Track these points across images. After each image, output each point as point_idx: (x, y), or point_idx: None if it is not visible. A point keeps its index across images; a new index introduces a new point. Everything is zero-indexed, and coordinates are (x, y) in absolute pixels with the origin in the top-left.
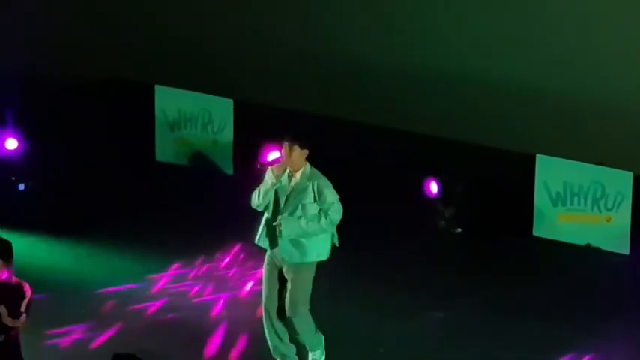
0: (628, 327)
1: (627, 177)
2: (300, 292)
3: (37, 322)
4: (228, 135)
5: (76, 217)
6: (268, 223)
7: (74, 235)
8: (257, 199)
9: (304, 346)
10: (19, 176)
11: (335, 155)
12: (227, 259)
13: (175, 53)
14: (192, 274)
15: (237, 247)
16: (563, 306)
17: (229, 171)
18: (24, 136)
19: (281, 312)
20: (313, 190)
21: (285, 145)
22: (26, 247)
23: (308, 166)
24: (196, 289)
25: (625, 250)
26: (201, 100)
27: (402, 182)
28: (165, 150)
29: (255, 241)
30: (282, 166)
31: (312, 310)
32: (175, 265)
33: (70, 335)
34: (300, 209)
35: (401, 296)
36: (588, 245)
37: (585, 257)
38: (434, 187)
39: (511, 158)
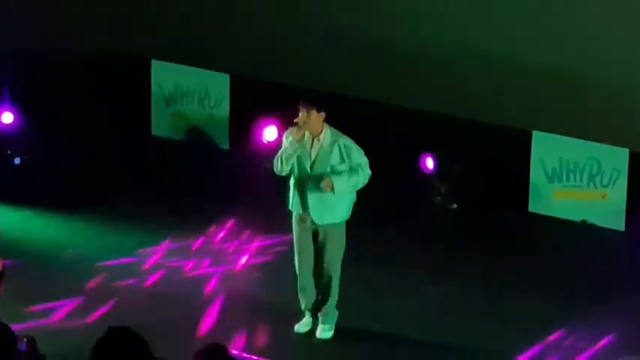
0: (623, 303)
1: (623, 153)
2: (336, 254)
3: (31, 296)
4: (224, 110)
5: (71, 191)
6: (298, 187)
7: (69, 209)
8: (280, 166)
9: (319, 317)
10: (15, 150)
11: None
12: (222, 233)
13: (172, 28)
14: (187, 249)
15: (232, 221)
16: (558, 282)
17: (225, 145)
18: (19, 110)
19: (313, 275)
20: (340, 150)
21: (302, 110)
22: (21, 221)
23: (328, 127)
24: (192, 263)
25: (620, 226)
26: (198, 75)
27: (398, 158)
28: (161, 124)
29: (289, 207)
30: (300, 131)
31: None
32: (171, 240)
33: (65, 309)
34: (330, 171)
35: (397, 272)
36: (584, 221)
37: (581, 233)
38: (430, 163)
39: (507, 134)
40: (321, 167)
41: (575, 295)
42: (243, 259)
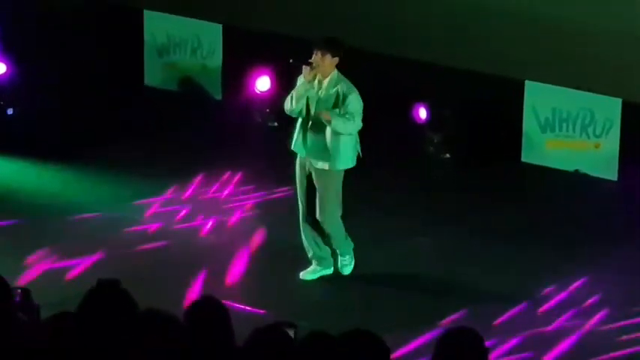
0: (616, 252)
1: (616, 103)
2: (329, 197)
3: (27, 249)
4: (217, 60)
5: (64, 141)
6: (304, 129)
7: (62, 159)
8: (290, 105)
9: (335, 250)
10: (8, 101)
11: None
12: (216, 185)
13: None
14: (180, 199)
15: (226, 173)
16: (551, 232)
17: (218, 95)
18: (12, 60)
19: (315, 217)
20: (338, 94)
21: (317, 51)
22: (14, 171)
23: (336, 72)
24: (185, 214)
25: (613, 176)
26: (190, 25)
27: (390, 107)
28: (153, 75)
29: (291, 147)
30: (312, 72)
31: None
32: (164, 190)
33: (55, 260)
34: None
35: (389, 220)
36: (577, 171)
37: (574, 183)
38: (422, 113)
39: (500, 84)
40: (321, 109)
41: (568, 245)
42: (238, 211)
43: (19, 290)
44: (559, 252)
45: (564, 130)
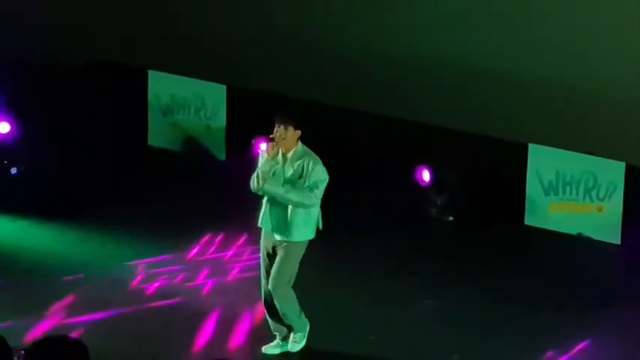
0: (618, 317)
1: (619, 167)
2: (282, 270)
3: (25, 307)
4: (221, 120)
5: (68, 201)
6: (270, 204)
7: (66, 219)
8: (256, 184)
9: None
10: (11, 160)
11: (327, 142)
12: (219, 245)
13: (169, 39)
14: (183, 260)
15: (230, 234)
16: (554, 295)
17: (222, 156)
18: (16, 119)
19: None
20: (303, 167)
21: (279, 125)
22: (17, 231)
23: (300, 144)
24: (187, 274)
25: (616, 240)
26: (195, 85)
27: (394, 170)
28: (158, 135)
29: (259, 224)
30: (275, 147)
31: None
32: (166, 251)
33: (61, 319)
34: (290, 185)
35: (392, 284)
36: (580, 235)
37: (577, 247)
38: (426, 175)
39: (504, 147)
40: (287, 183)
41: (571, 309)
42: (238, 270)
43: (23, 351)
44: (561, 315)
45: (567, 194)
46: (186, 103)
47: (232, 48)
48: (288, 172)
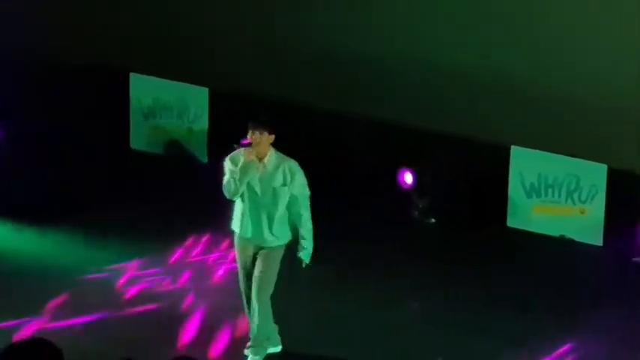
0: (600, 318)
1: (602, 169)
2: (271, 278)
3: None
4: (203, 123)
5: (48, 204)
6: (251, 212)
7: (46, 222)
8: (233, 189)
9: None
10: None
11: (308, 146)
12: (200, 247)
13: (151, 41)
14: (164, 263)
15: (213, 236)
16: (536, 297)
17: (204, 159)
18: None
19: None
20: (284, 172)
21: (254, 131)
22: None
23: (273, 150)
24: (169, 277)
25: (599, 241)
26: (177, 88)
27: (376, 173)
28: (140, 138)
29: (239, 232)
30: (251, 152)
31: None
32: (148, 253)
33: (45, 322)
34: (272, 193)
35: (376, 287)
36: (562, 237)
37: (559, 249)
38: (408, 178)
39: (486, 149)
40: (267, 189)
41: (553, 310)
42: (221, 273)
43: None
44: (543, 317)
45: (550, 196)
46: (168, 106)
47: (214, 50)
48: (277, 182)
